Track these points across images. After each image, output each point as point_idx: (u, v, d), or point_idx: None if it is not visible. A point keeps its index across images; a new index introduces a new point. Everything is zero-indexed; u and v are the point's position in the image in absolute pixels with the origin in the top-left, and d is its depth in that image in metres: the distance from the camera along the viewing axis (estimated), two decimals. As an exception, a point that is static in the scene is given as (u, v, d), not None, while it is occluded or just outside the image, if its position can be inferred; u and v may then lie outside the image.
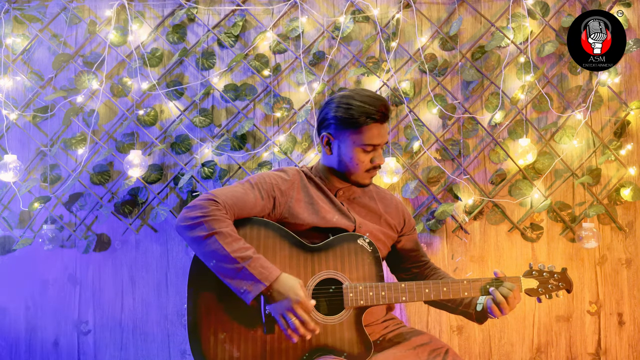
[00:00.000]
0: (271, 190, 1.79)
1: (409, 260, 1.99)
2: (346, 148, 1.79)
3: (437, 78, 2.68)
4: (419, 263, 1.99)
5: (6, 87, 2.67)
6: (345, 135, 1.78)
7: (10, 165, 2.57)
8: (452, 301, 1.87)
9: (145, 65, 2.69)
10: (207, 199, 1.67)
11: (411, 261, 1.99)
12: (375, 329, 1.85)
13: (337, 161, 1.82)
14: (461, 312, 1.86)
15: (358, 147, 1.77)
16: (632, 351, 2.66)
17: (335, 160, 1.83)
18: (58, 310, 2.70)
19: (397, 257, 1.99)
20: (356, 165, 1.79)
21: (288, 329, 1.60)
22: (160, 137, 2.70)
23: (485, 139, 2.69)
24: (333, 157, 1.83)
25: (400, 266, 2.00)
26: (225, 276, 1.61)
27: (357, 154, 1.77)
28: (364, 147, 1.77)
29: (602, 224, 2.68)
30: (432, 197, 2.67)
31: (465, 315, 1.86)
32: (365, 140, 1.76)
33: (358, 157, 1.78)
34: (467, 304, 1.84)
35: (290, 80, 2.73)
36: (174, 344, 2.69)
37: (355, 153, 1.77)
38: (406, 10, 2.71)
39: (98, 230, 2.72)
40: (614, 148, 2.65)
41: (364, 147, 1.77)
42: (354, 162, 1.78)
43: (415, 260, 1.99)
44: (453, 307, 1.87)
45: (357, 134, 1.76)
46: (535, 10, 2.66)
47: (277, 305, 1.60)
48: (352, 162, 1.79)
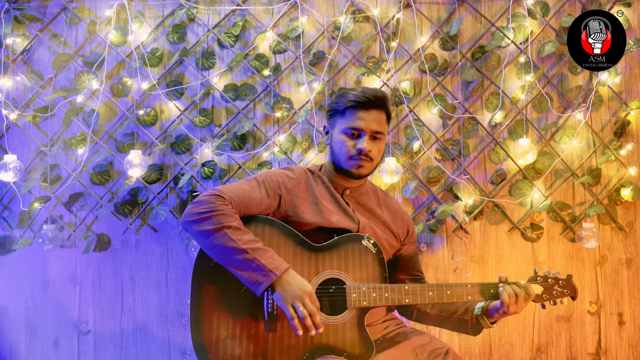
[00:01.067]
0: (277, 188, 1.79)
1: (404, 271, 1.97)
2: (334, 134, 1.84)
3: (437, 78, 2.68)
4: (414, 277, 1.97)
5: (6, 87, 2.67)
6: (334, 122, 1.85)
7: (10, 165, 2.56)
8: (446, 310, 1.85)
9: (145, 65, 2.69)
10: (214, 195, 1.67)
11: (406, 272, 1.97)
12: (376, 329, 1.85)
13: (330, 151, 1.87)
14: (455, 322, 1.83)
15: (342, 132, 1.81)
16: (632, 351, 2.66)
17: (330, 150, 1.88)
18: (58, 310, 2.70)
19: (393, 267, 1.97)
20: (340, 150, 1.81)
21: (295, 318, 1.58)
22: (160, 137, 2.69)
23: (485, 139, 2.69)
24: (329, 148, 1.88)
25: (395, 276, 1.96)
26: (235, 268, 1.61)
27: (341, 138, 1.81)
28: (346, 130, 1.79)
29: (602, 224, 2.68)
30: (432, 197, 2.67)
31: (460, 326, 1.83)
32: (348, 123, 1.79)
33: (342, 142, 1.80)
34: (463, 311, 1.82)
35: (290, 80, 2.73)
36: (174, 344, 2.68)
37: (340, 137, 1.81)
38: (406, 10, 2.71)
39: (98, 230, 2.72)
40: (614, 148, 2.65)
41: (347, 130, 1.79)
42: (339, 147, 1.81)
43: (411, 273, 1.97)
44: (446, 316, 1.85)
45: (342, 118, 1.81)
46: (535, 10, 2.66)
47: (286, 294, 1.59)
48: (337, 147, 1.82)
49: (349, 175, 1.85)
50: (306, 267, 1.72)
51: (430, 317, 1.90)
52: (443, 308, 1.86)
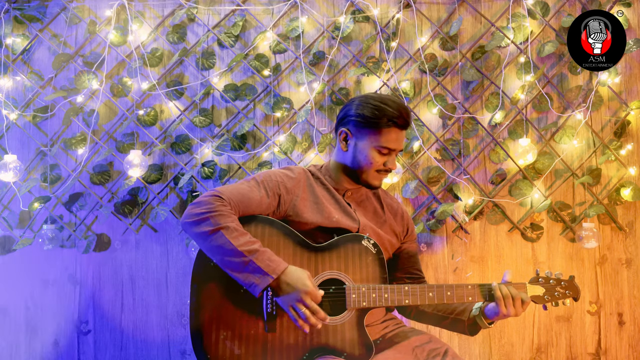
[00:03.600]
0: (277, 188, 1.79)
1: (404, 270, 1.96)
2: (363, 146, 1.80)
3: (437, 78, 2.68)
4: (413, 275, 1.96)
5: (6, 87, 2.67)
6: (364, 134, 1.80)
7: (10, 165, 2.57)
8: (443, 310, 1.85)
9: (145, 65, 2.69)
10: (213, 195, 1.67)
11: (405, 271, 1.96)
12: (375, 329, 1.85)
13: (351, 158, 1.83)
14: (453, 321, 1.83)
15: (375, 147, 1.78)
16: (632, 351, 2.66)
17: (349, 157, 1.84)
18: (58, 310, 2.70)
19: (392, 265, 1.96)
20: (370, 165, 1.80)
21: (299, 319, 1.61)
22: (160, 137, 2.69)
23: (485, 139, 2.69)
24: (348, 154, 1.84)
25: (394, 275, 1.96)
26: (232, 270, 1.62)
27: (372, 154, 1.79)
28: (380, 149, 1.78)
29: (602, 224, 2.68)
30: (432, 197, 2.67)
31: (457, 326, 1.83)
32: (383, 142, 1.78)
33: (373, 158, 1.79)
34: (461, 311, 1.81)
35: (290, 80, 2.73)
36: (174, 344, 2.69)
37: (370, 153, 1.79)
38: (406, 10, 2.71)
39: (98, 230, 2.72)
40: (614, 148, 2.65)
41: (381, 149, 1.78)
42: (368, 161, 1.80)
43: (410, 272, 1.96)
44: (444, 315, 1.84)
45: (376, 135, 1.78)
46: (535, 10, 2.66)
47: (286, 297, 1.61)
48: (365, 160, 1.80)
49: (365, 184, 1.85)
50: (306, 268, 1.72)
51: (428, 316, 1.90)
52: (440, 307, 1.86)
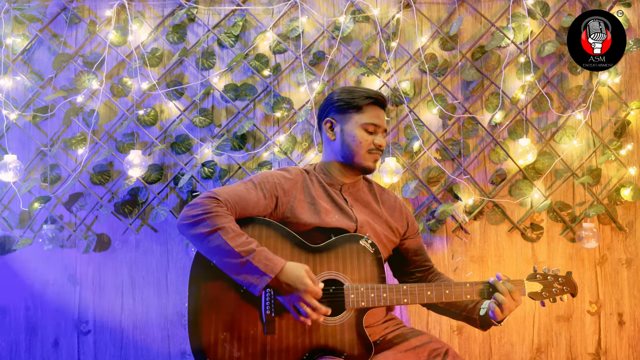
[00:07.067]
0: (274, 189, 1.79)
1: (413, 264, 1.98)
2: (349, 128, 1.84)
3: (437, 78, 2.68)
4: (422, 267, 1.98)
5: (6, 87, 2.67)
6: (348, 117, 1.85)
7: (10, 165, 2.57)
8: (455, 306, 1.86)
9: (145, 65, 2.69)
10: (209, 197, 1.67)
11: (415, 265, 1.98)
12: (376, 329, 1.85)
13: (340, 145, 1.86)
14: (464, 318, 1.84)
15: (361, 126, 1.83)
16: (632, 351, 2.66)
17: (338, 144, 1.86)
18: (58, 310, 2.70)
19: (400, 261, 1.98)
20: (359, 144, 1.83)
21: (300, 316, 1.62)
22: (160, 137, 2.69)
23: (485, 139, 2.69)
24: (336, 142, 1.87)
25: (403, 270, 1.99)
26: (230, 271, 1.62)
27: (360, 134, 1.83)
28: (366, 126, 1.83)
29: (602, 224, 2.68)
30: (432, 197, 2.67)
31: (469, 321, 1.84)
32: (367, 119, 1.83)
33: (361, 136, 1.83)
34: (471, 309, 1.82)
35: (290, 80, 2.73)
36: (174, 344, 2.69)
37: (358, 132, 1.83)
38: (406, 10, 2.71)
39: (98, 230, 2.72)
40: (614, 148, 2.65)
41: (367, 126, 1.83)
42: (357, 141, 1.83)
43: (419, 264, 1.98)
44: (456, 312, 1.86)
45: (359, 113, 1.84)
46: (535, 10, 2.66)
47: (287, 297, 1.61)
48: (355, 141, 1.83)
49: (361, 169, 1.86)
50: None
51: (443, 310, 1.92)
52: (451, 304, 1.87)
